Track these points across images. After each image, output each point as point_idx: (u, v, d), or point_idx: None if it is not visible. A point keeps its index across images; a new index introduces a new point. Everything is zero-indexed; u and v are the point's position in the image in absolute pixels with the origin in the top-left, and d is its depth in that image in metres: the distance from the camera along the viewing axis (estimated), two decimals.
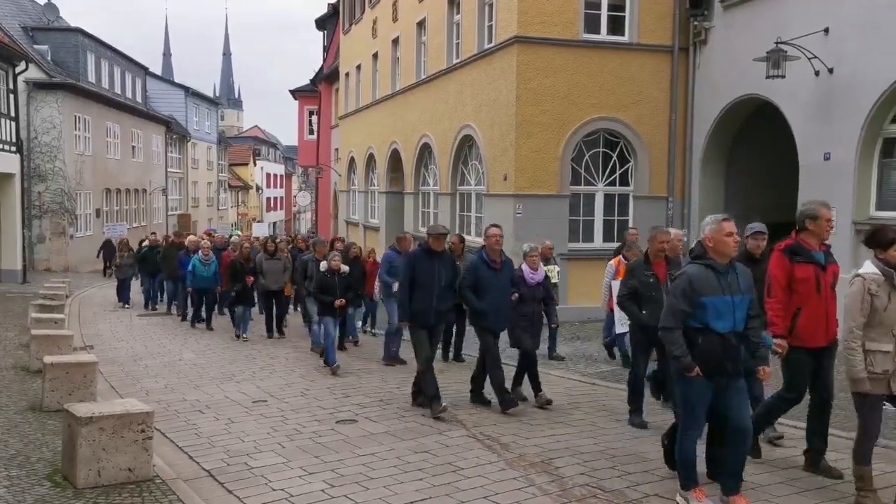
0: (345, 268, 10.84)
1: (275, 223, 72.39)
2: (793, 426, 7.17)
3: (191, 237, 18.93)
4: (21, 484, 5.44)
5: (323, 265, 10.66)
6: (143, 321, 16.33)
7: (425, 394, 7.83)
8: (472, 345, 11.06)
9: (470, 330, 9.22)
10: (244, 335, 13.34)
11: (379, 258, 13.24)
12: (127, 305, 18.60)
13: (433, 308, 7.83)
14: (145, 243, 21.10)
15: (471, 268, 7.99)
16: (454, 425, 7.35)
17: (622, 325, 9.57)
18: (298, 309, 15.30)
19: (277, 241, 16.19)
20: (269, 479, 5.77)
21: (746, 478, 5.30)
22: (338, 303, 10.27)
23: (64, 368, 7.73)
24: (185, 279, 15.27)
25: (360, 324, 13.81)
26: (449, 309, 8.31)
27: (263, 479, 5.79)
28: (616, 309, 9.48)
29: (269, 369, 10.52)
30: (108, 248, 27.52)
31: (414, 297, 7.79)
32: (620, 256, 10.14)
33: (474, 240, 16.56)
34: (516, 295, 8.06)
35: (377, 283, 12.31)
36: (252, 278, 13.31)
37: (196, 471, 6.03)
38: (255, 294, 13.96)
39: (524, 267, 8.28)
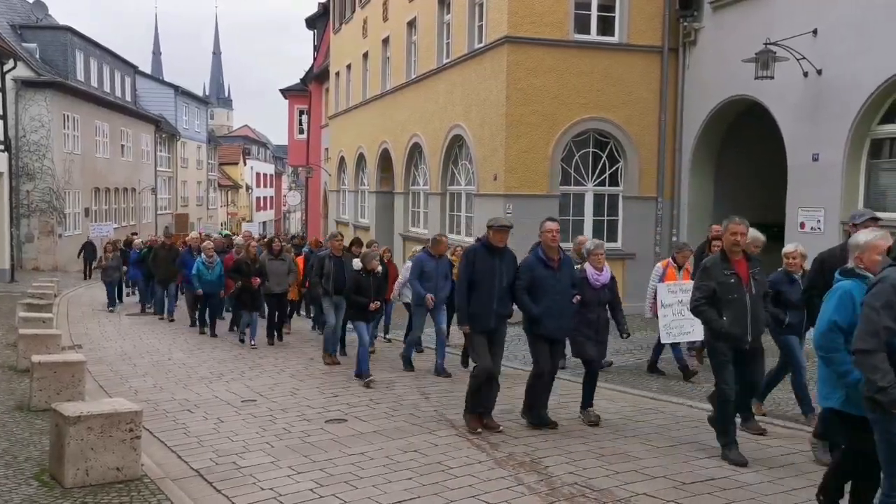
0: (379, 267, 10.09)
1: (264, 223, 72.22)
2: (781, 425, 7.21)
3: (192, 234, 18.60)
4: (8, 483, 5.41)
5: (356, 263, 9.91)
6: (132, 321, 16.26)
7: (468, 406, 7.14)
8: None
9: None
10: (252, 342, 12.46)
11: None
12: (111, 309, 17.85)
13: (493, 311, 7.08)
14: (138, 241, 20.73)
15: (525, 267, 7.13)
16: (443, 425, 7.35)
17: (669, 334, 9.27)
18: (310, 312, 14.65)
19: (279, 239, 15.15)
20: (257, 479, 5.75)
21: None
22: (373, 305, 9.58)
23: (52, 368, 7.68)
24: (188, 281, 14.44)
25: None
26: (510, 314, 7.38)
27: (252, 478, 5.78)
28: (661, 316, 9.25)
29: (258, 369, 10.49)
30: (88, 249, 26.97)
31: (472, 299, 7.06)
32: (670, 259, 9.72)
33: (464, 239, 16.59)
34: (578, 297, 7.32)
35: (395, 287, 11.71)
36: (258, 280, 12.46)
37: (185, 470, 6.01)
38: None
39: (587, 267, 7.57)
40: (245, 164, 71.08)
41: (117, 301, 18.54)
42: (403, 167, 21.30)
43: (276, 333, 12.95)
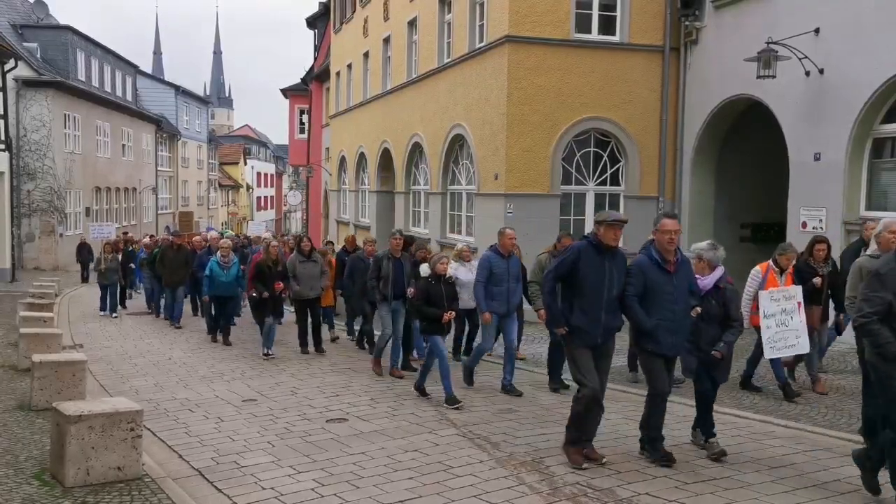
0: (452, 271, 9.03)
1: (265, 222, 72.18)
2: (783, 425, 7.19)
3: (212, 233, 17.69)
4: (9, 483, 5.40)
5: (424, 269, 8.83)
6: (133, 320, 16.24)
7: (570, 437, 6.13)
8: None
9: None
10: (269, 351, 11.24)
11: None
12: (115, 315, 16.65)
13: (601, 323, 5.93)
14: (146, 239, 20.05)
15: (636, 270, 6.03)
16: (444, 424, 7.34)
17: (773, 348, 7.95)
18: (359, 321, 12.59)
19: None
20: (258, 478, 5.75)
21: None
22: (447, 316, 8.31)
23: (53, 367, 7.68)
24: (199, 283, 13.56)
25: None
26: (619, 326, 6.22)
27: (253, 477, 5.77)
28: (764, 328, 7.89)
29: (258, 368, 10.48)
30: (84, 251, 25.77)
31: (574, 307, 5.96)
32: (770, 262, 8.42)
33: (465, 239, 16.59)
34: (697, 309, 6.18)
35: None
36: (281, 285, 11.27)
37: (186, 469, 6.00)
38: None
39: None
40: (246, 163, 71.10)
41: (118, 306, 17.41)
42: (404, 167, 21.29)
43: (310, 342, 11.68)
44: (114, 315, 16.61)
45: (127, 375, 9.98)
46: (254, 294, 11.36)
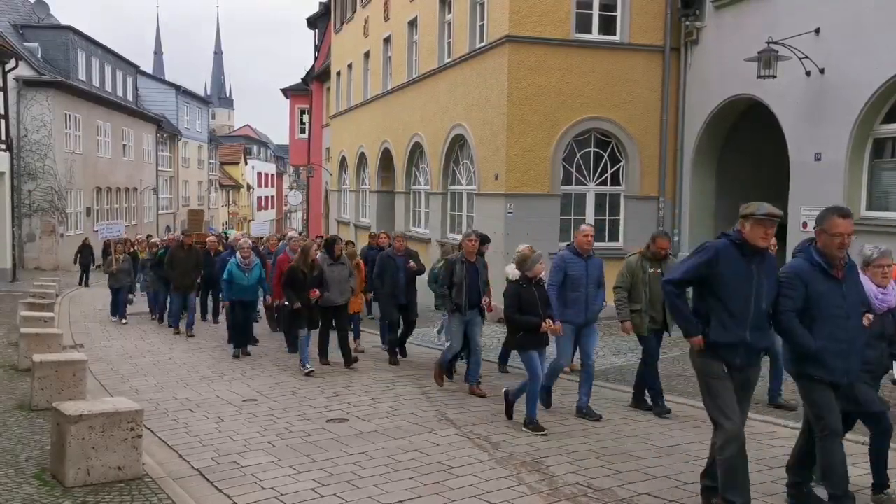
0: (543, 274, 8.06)
1: (268, 222, 72.19)
2: (783, 425, 7.19)
3: (234, 234, 17.11)
4: (9, 483, 5.40)
5: (510, 271, 7.31)
6: (133, 320, 16.22)
7: (727, 499, 4.77)
8: None
9: None
10: (307, 366, 9.94)
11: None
12: (125, 321, 15.63)
13: (744, 340, 4.75)
14: (154, 239, 18.95)
15: (794, 277, 4.79)
16: (444, 424, 7.34)
17: None
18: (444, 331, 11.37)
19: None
20: (258, 478, 5.75)
21: None
22: (545, 326, 7.04)
23: (53, 367, 7.69)
24: (218, 285, 12.74)
25: (438, 340, 11.93)
26: (767, 348, 5.21)
27: (253, 477, 5.78)
28: None
29: (259, 368, 10.48)
30: (85, 252, 24.69)
31: (713, 319, 4.79)
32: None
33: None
34: (869, 317, 5.06)
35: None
36: (317, 292, 10.03)
37: (186, 469, 6.00)
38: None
39: (864, 280, 5.19)
40: (246, 163, 71.13)
41: (124, 313, 16.00)
42: (404, 167, 21.29)
43: (331, 353, 10.67)
44: (124, 321, 15.60)
45: (127, 375, 9.98)
46: (285, 303, 10.37)
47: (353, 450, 6.46)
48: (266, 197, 78.73)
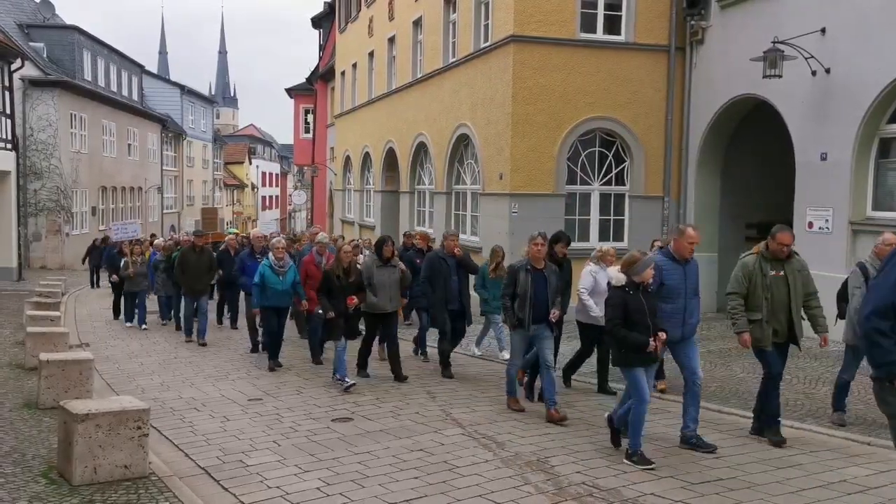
0: (590, 279, 7.86)
1: (275, 220, 72.26)
2: (788, 426, 7.19)
3: (254, 231, 15.35)
4: (16, 481, 5.42)
5: (614, 275, 6.25)
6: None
7: None
8: None
9: None
10: (347, 379, 8.90)
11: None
12: (144, 326, 14.58)
13: None
14: (159, 241, 17.78)
15: None
16: (449, 423, 7.35)
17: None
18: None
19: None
20: (264, 477, 5.76)
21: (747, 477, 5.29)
22: (655, 342, 6.06)
23: (60, 366, 7.71)
24: (238, 290, 12.15)
25: (476, 348, 11.38)
26: None
27: (259, 476, 5.79)
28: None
29: (264, 368, 10.45)
30: (95, 253, 23.12)
31: None
32: None
33: (469, 238, 16.59)
34: None
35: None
36: (355, 300, 9.06)
37: (192, 468, 6.02)
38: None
39: None
40: (250, 163, 71.21)
41: (143, 318, 14.84)
42: (409, 166, 21.30)
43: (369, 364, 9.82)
44: (144, 327, 14.54)
45: (133, 374, 10.01)
46: (319, 311, 9.40)
47: (359, 449, 6.46)
48: (270, 196, 78.83)
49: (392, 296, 9.54)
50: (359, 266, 9.58)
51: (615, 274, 6.25)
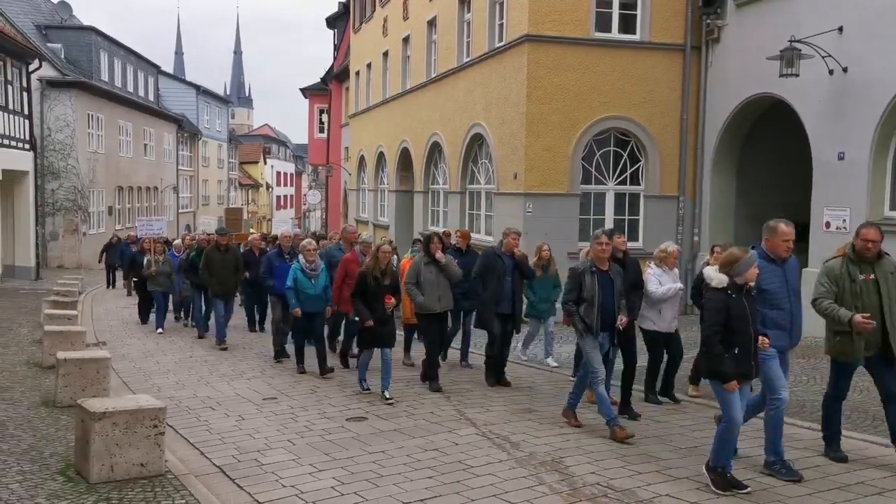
0: (654, 282, 7.40)
1: (291, 219, 72.56)
2: (807, 427, 7.13)
3: (282, 230, 14.35)
4: (34, 479, 5.47)
5: (713, 275, 5.48)
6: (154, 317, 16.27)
7: None
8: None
9: None
10: (364, 383, 8.65)
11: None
12: (160, 330, 13.82)
13: None
14: (178, 241, 16.85)
15: None
16: (464, 423, 7.35)
17: None
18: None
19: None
20: (279, 476, 5.78)
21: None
22: (763, 342, 5.43)
23: (77, 364, 7.77)
24: (264, 292, 11.72)
25: (523, 354, 10.81)
26: None
27: (274, 475, 5.81)
28: None
29: (279, 367, 10.51)
30: (111, 252, 22.66)
31: None
32: None
33: (483, 238, 16.58)
34: None
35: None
36: (393, 300, 8.50)
37: (207, 466, 6.05)
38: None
39: None
40: (265, 162, 71.47)
41: (161, 322, 14.15)
42: (423, 166, 21.32)
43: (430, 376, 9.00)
44: (159, 331, 13.83)
45: (149, 373, 10.07)
46: (355, 318, 8.82)
47: (373, 448, 6.48)
48: (285, 196, 79.10)
49: (441, 295, 8.86)
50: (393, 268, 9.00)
51: (714, 274, 5.50)
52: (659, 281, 7.97)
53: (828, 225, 12.16)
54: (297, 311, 9.63)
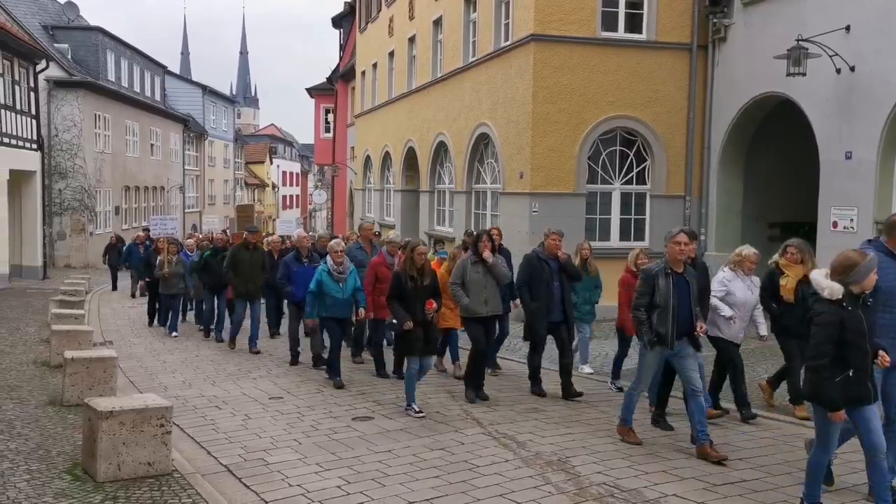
0: (725, 286, 7.16)
1: (297, 219, 72.57)
2: (810, 426, 7.10)
3: (298, 232, 13.60)
4: (41, 477, 5.50)
5: (824, 283, 4.75)
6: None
7: None
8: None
9: None
10: (414, 406, 7.70)
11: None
12: (175, 334, 13.35)
13: None
14: (190, 241, 16.26)
15: None
16: (470, 423, 7.34)
17: None
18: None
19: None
20: (285, 475, 5.79)
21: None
22: (882, 359, 4.83)
23: (84, 363, 7.80)
24: (282, 297, 11.29)
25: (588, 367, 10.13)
26: None
27: (280, 474, 5.82)
28: None
29: (284, 367, 10.53)
30: (113, 252, 22.13)
31: None
32: None
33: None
34: None
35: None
36: (434, 304, 7.88)
37: (214, 465, 6.07)
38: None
39: None
40: (271, 162, 71.63)
41: (175, 325, 13.61)
42: (429, 165, 21.31)
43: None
44: (174, 334, 13.35)
45: (155, 372, 10.10)
46: (393, 322, 8.23)
47: (379, 448, 6.48)
48: (291, 196, 79.23)
49: (488, 297, 8.24)
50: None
51: (826, 283, 4.71)
52: (727, 286, 7.39)
53: (835, 224, 12.12)
54: (312, 321, 9.19)
